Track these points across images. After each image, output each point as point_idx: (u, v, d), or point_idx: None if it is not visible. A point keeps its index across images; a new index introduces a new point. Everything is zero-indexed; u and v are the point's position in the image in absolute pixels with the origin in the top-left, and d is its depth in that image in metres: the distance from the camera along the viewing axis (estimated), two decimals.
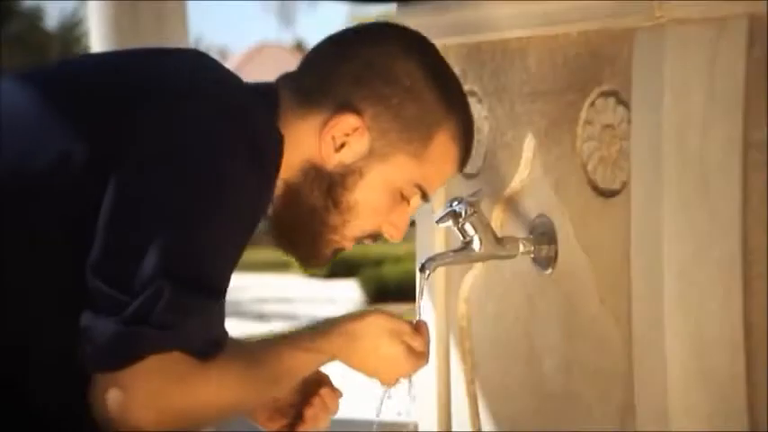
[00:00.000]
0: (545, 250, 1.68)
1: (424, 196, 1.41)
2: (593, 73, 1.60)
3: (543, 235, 1.69)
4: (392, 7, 1.99)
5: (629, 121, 1.54)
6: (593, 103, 1.60)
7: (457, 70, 1.82)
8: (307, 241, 1.40)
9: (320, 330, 1.37)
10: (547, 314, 1.70)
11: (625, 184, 1.55)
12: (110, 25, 4.92)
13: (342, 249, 1.42)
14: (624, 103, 1.55)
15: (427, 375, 1.89)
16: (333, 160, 1.37)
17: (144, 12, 4.92)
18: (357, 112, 1.36)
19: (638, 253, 1.52)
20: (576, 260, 1.64)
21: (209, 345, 1.24)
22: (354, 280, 9.48)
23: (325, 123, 1.36)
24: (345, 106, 1.36)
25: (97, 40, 4.97)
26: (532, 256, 1.69)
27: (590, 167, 1.61)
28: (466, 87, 1.83)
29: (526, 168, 1.73)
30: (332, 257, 1.42)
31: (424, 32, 1.87)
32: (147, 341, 1.19)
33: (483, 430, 1.80)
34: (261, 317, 8.02)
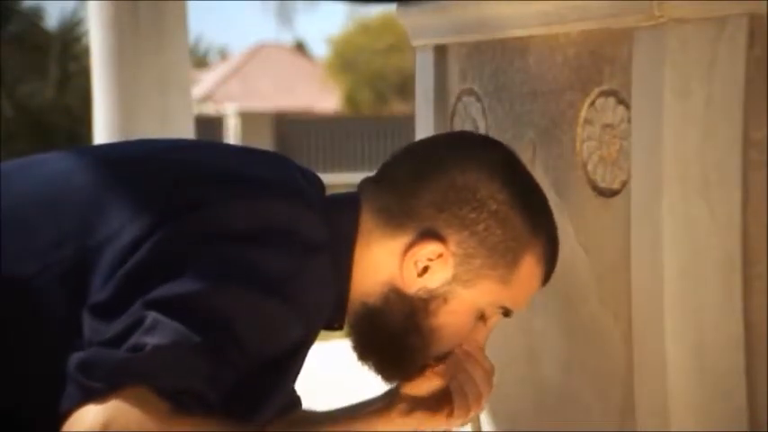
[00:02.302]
0: None
1: (506, 314, 1.39)
2: (592, 72, 1.60)
3: None
4: (392, 7, 1.98)
5: (628, 121, 1.54)
6: (592, 103, 1.60)
7: (456, 70, 1.83)
8: (389, 363, 1.37)
9: (350, 420, 1.39)
10: (546, 313, 1.69)
11: (625, 184, 1.55)
12: (110, 25, 4.92)
13: (428, 366, 1.38)
14: (624, 102, 1.55)
15: None
16: (415, 285, 1.33)
17: (144, 12, 4.91)
18: (441, 239, 1.32)
19: (638, 252, 1.52)
20: (575, 259, 1.64)
21: (189, 395, 1.15)
22: None
23: (408, 248, 1.33)
24: (429, 233, 1.32)
25: (97, 41, 4.97)
26: None
27: (590, 167, 1.61)
28: (465, 86, 1.84)
29: None
30: (419, 372, 1.38)
31: (424, 32, 1.88)
32: (112, 368, 1.13)
33: (483, 430, 1.79)
34: None
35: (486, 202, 1.33)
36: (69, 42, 15.46)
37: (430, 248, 1.33)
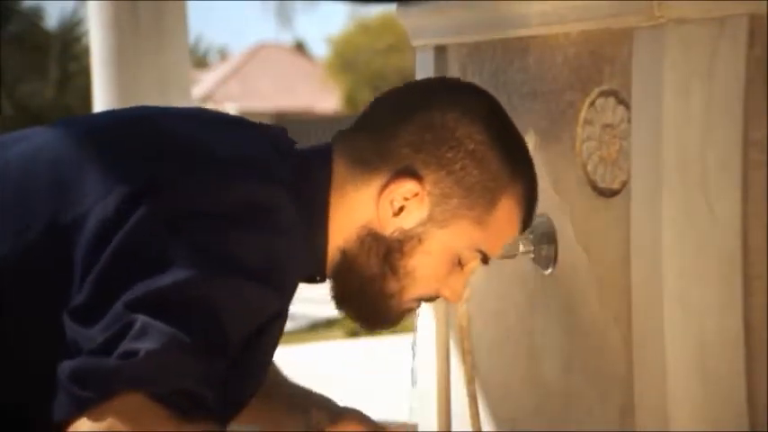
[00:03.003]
0: (545, 250, 1.68)
1: (484, 260, 1.38)
2: (592, 72, 1.60)
3: (543, 235, 1.68)
4: (392, 7, 1.98)
5: (628, 121, 1.54)
6: (592, 103, 1.60)
7: (456, 70, 1.83)
8: (366, 308, 1.37)
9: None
10: (547, 314, 1.70)
11: (625, 184, 1.55)
12: (109, 25, 4.92)
13: (408, 311, 1.38)
14: (624, 102, 1.55)
15: (427, 375, 1.88)
16: (391, 225, 1.33)
17: (144, 12, 4.91)
18: (417, 177, 1.32)
19: (638, 253, 1.52)
20: (576, 260, 1.64)
21: (185, 396, 1.13)
22: None
23: (383, 188, 1.32)
24: (405, 171, 1.32)
25: (97, 41, 4.96)
26: (532, 255, 1.68)
27: (590, 167, 1.61)
28: None
29: None
30: (398, 320, 1.39)
31: (424, 32, 1.88)
32: (107, 376, 1.11)
33: (483, 430, 1.79)
34: None
35: (463, 141, 1.33)
36: (69, 42, 15.46)
37: (406, 187, 1.32)
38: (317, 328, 8.13)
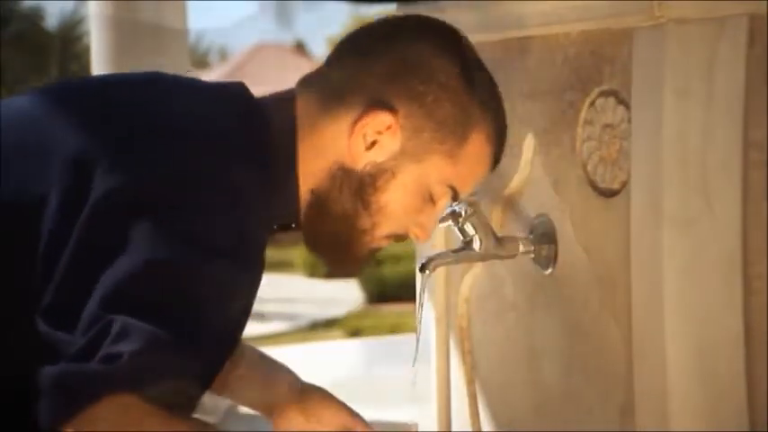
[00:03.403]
0: (545, 250, 1.68)
1: (455, 196, 1.38)
2: (593, 72, 1.60)
3: (543, 235, 1.68)
4: (392, 7, 1.98)
5: (629, 121, 1.54)
6: (593, 103, 1.60)
7: None
8: (340, 248, 1.37)
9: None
10: (547, 314, 1.70)
11: (625, 184, 1.55)
12: (109, 25, 4.92)
13: (377, 249, 1.39)
14: (624, 102, 1.55)
15: (427, 376, 1.88)
16: (363, 159, 1.33)
17: (143, 11, 4.91)
18: (390, 109, 1.32)
19: (638, 253, 1.52)
20: (576, 260, 1.64)
21: (173, 391, 1.14)
22: (355, 280, 9.46)
23: (355, 122, 1.32)
24: (378, 103, 1.32)
25: (97, 40, 4.97)
26: (532, 256, 1.69)
27: (590, 167, 1.61)
28: None
29: (526, 168, 1.73)
30: (368, 260, 1.39)
31: None
32: (93, 381, 1.10)
33: (483, 430, 1.79)
34: (261, 317, 8.02)
35: (435, 74, 1.33)
36: (69, 42, 15.46)
37: (379, 119, 1.32)
38: (317, 328, 8.13)
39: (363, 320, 8.40)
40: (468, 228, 1.63)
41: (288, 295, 9.60)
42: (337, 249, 1.37)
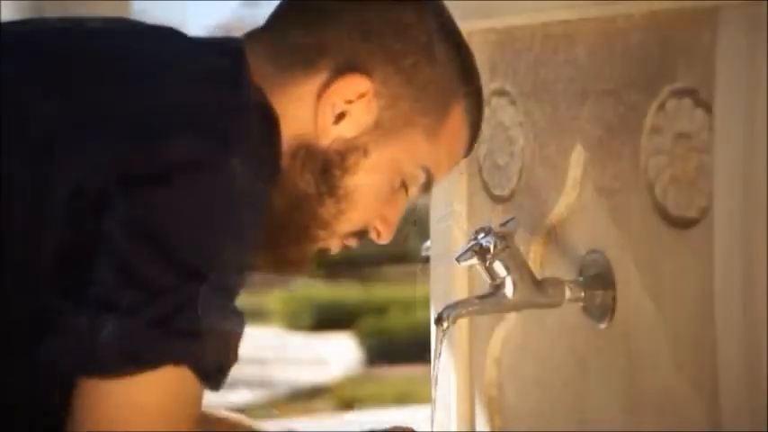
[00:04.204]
0: (599, 297, 1.68)
1: (428, 185, 1.43)
2: (662, 66, 1.60)
3: (597, 277, 1.69)
4: None
5: (710, 129, 1.54)
6: (662, 106, 1.60)
7: (484, 62, 1.84)
8: (290, 238, 1.41)
9: None
10: (603, 382, 1.69)
11: (706, 211, 1.55)
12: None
13: (325, 251, 1.44)
14: (704, 105, 1.55)
15: None
16: (330, 135, 1.37)
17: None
18: (364, 72, 1.37)
19: (726, 300, 1.51)
20: (641, 310, 1.63)
21: (222, 372, 1.28)
22: (350, 334, 9.47)
23: (323, 88, 1.37)
24: (350, 66, 1.36)
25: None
26: (583, 304, 1.69)
27: (658, 189, 1.61)
28: (495, 85, 1.85)
29: (574, 190, 1.73)
30: (312, 261, 1.44)
31: None
32: (170, 347, 1.23)
33: None
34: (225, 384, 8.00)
35: (414, 31, 1.39)
36: None
37: (353, 85, 1.37)
38: (299, 397, 8.13)
39: (360, 388, 8.40)
40: (499, 267, 1.63)
41: (260, 354, 9.60)
42: (284, 241, 1.42)
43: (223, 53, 1.37)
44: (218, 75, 1.34)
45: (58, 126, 1.29)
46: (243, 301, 1.47)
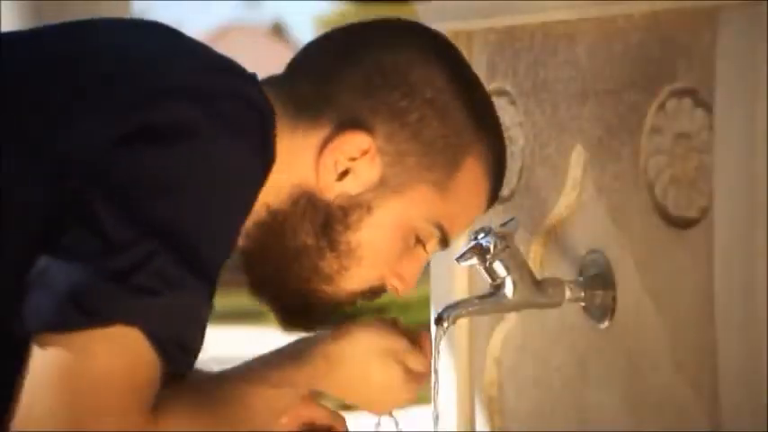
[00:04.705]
0: (599, 297, 1.68)
1: (444, 240, 1.43)
2: (662, 66, 1.60)
3: (597, 277, 1.69)
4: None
5: (710, 129, 1.53)
6: (662, 106, 1.60)
7: (483, 62, 1.85)
8: (290, 290, 1.40)
9: (293, 356, 1.41)
10: (603, 382, 1.69)
11: (705, 211, 1.55)
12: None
13: (337, 306, 1.42)
14: (705, 104, 1.55)
15: None
16: (333, 190, 1.38)
17: None
18: (367, 129, 1.37)
19: (726, 300, 1.51)
20: (641, 311, 1.63)
21: (182, 349, 1.26)
22: None
23: (325, 143, 1.37)
24: (352, 122, 1.37)
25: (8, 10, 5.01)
26: (583, 304, 1.69)
27: (658, 189, 1.61)
28: (495, 85, 1.84)
29: (574, 190, 1.73)
30: (325, 318, 1.43)
31: (441, 14, 1.87)
32: (121, 303, 1.22)
33: None
34: None
35: (420, 87, 1.39)
36: None
37: (354, 142, 1.37)
38: None
39: None
40: (499, 267, 1.63)
41: (257, 353, 9.59)
42: (285, 293, 1.41)
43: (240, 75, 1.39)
44: (226, 65, 1.37)
45: (58, 101, 1.30)
46: (242, 301, 1.47)
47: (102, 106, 1.29)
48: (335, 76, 1.39)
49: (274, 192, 1.36)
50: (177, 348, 1.25)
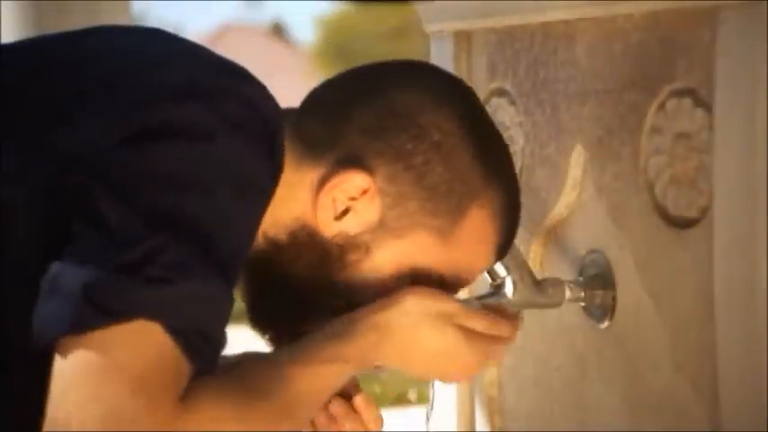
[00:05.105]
0: (599, 297, 1.68)
1: (444, 287, 1.38)
2: (662, 66, 1.60)
3: (597, 277, 1.69)
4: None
5: (710, 128, 1.54)
6: (662, 106, 1.60)
7: (484, 62, 1.84)
8: (286, 324, 1.40)
9: (340, 331, 1.35)
10: (602, 382, 1.69)
11: (705, 211, 1.55)
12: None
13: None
14: (704, 104, 1.55)
15: None
16: (332, 229, 1.36)
17: None
18: (367, 169, 1.36)
19: (726, 300, 1.51)
20: (640, 310, 1.63)
21: (205, 340, 1.23)
22: None
23: (324, 180, 1.36)
24: (352, 160, 1.35)
25: (8, 14, 4.99)
26: (583, 304, 1.69)
27: (658, 189, 1.61)
28: (495, 85, 1.85)
29: (574, 190, 1.74)
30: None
31: (441, 14, 1.87)
32: (138, 296, 1.20)
33: None
34: None
35: (427, 130, 1.37)
36: None
37: (353, 181, 1.35)
38: None
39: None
40: (499, 267, 1.63)
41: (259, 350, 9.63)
42: (281, 326, 1.41)
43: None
44: (229, 67, 1.35)
45: (58, 103, 1.29)
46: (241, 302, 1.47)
47: (103, 108, 1.28)
48: (345, 116, 1.37)
49: (273, 221, 1.35)
50: (200, 339, 1.23)
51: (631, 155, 1.64)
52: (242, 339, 1.43)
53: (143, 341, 1.20)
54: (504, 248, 1.42)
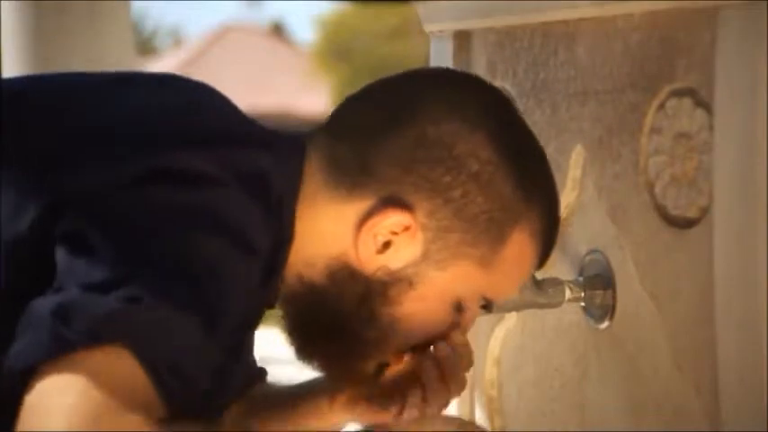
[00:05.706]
0: (599, 297, 1.68)
1: (487, 307, 1.42)
2: (662, 66, 1.60)
3: (596, 277, 1.69)
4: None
5: (710, 129, 1.54)
6: (662, 106, 1.60)
7: (483, 62, 1.84)
8: (336, 357, 1.40)
9: None
10: (602, 382, 1.69)
11: (705, 211, 1.55)
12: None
13: (388, 366, 1.41)
14: (704, 104, 1.55)
15: None
16: (374, 264, 1.35)
17: None
18: (408, 207, 1.35)
19: (726, 300, 1.51)
20: (640, 310, 1.63)
21: (175, 376, 1.19)
22: None
23: (365, 219, 1.35)
24: (393, 201, 1.34)
25: (9, 16, 4.98)
26: (583, 304, 1.69)
27: (658, 189, 1.61)
28: (495, 85, 1.83)
29: (574, 190, 1.74)
30: (379, 376, 1.42)
31: (441, 14, 1.87)
32: (108, 319, 1.17)
33: None
34: None
35: (464, 161, 1.36)
36: None
37: (394, 219, 1.35)
38: None
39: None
40: None
41: (260, 354, 9.61)
42: (332, 359, 1.41)
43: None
44: (246, 131, 1.35)
45: (59, 142, 1.29)
46: None
47: (107, 151, 1.27)
48: (376, 145, 1.36)
49: (307, 263, 1.35)
50: (171, 375, 1.19)
51: (631, 155, 1.64)
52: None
53: (112, 363, 1.17)
54: (542, 261, 1.43)
